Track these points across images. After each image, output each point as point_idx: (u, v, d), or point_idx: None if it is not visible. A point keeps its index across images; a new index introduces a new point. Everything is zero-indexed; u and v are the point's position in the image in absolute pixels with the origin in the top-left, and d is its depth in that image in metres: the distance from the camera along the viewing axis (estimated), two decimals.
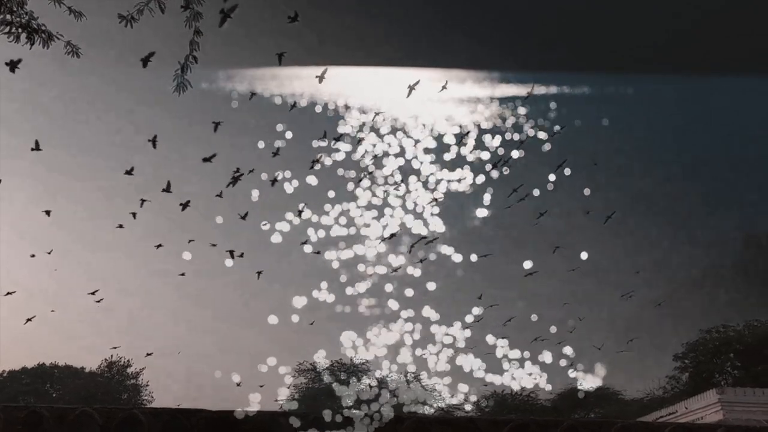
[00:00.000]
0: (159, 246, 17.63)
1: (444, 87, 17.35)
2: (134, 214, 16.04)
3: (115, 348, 43.19)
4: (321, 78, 13.65)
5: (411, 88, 16.02)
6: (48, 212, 16.54)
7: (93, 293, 20.83)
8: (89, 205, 56.60)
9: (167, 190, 14.59)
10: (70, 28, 6.44)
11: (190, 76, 6.58)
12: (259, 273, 19.42)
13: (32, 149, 12.98)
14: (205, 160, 14.55)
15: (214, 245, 18.71)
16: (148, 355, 27.74)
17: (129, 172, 15.74)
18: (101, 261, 55.22)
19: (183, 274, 23.67)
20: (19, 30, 6.19)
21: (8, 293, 21.19)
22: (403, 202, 21.09)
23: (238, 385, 26.07)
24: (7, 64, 9.90)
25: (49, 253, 20.66)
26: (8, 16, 6.10)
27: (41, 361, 44.37)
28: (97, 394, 39.82)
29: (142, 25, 6.20)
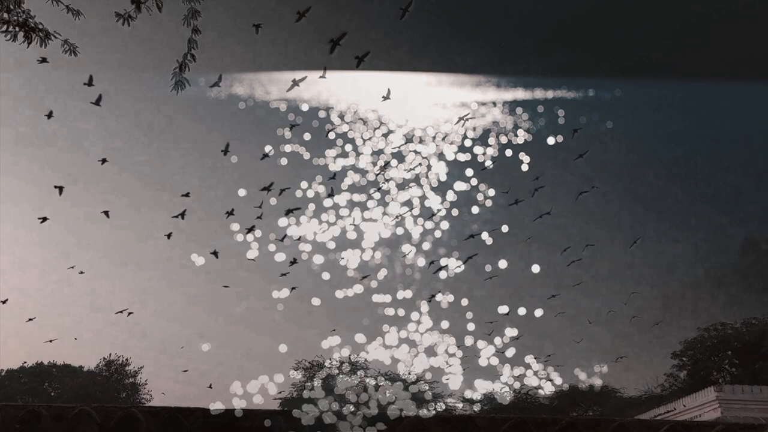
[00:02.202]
0: (215, 253, 17.59)
1: (465, 119, 17.22)
2: (182, 215, 16.11)
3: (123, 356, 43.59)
4: (386, 97, 13.74)
5: (462, 119, 15.99)
6: (107, 213, 16.11)
7: (122, 311, 21.22)
8: (87, 204, 56.51)
9: (231, 213, 15.02)
10: (68, 27, 6.43)
11: (188, 74, 6.58)
12: (293, 288, 19.64)
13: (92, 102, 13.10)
14: (264, 189, 15.02)
15: (252, 260, 18.83)
16: (184, 371, 27.60)
17: (186, 195, 15.98)
18: (100, 261, 55.16)
19: (227, 286, 23.65)
20: (17, 29, 6.17)
21: (3, 301, 21.76)
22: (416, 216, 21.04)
23: (209, 387, 26.05)
24: (85, 84, 11.05)
25: (72, 267, 20.82)
26: (5, 15, 6.09)
27: (39, 360, 44.33)
28: (95, 393, 39.75)
29: (140, 24, 6.19)
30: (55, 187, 14.00)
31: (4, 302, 25.55)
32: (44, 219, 15.13)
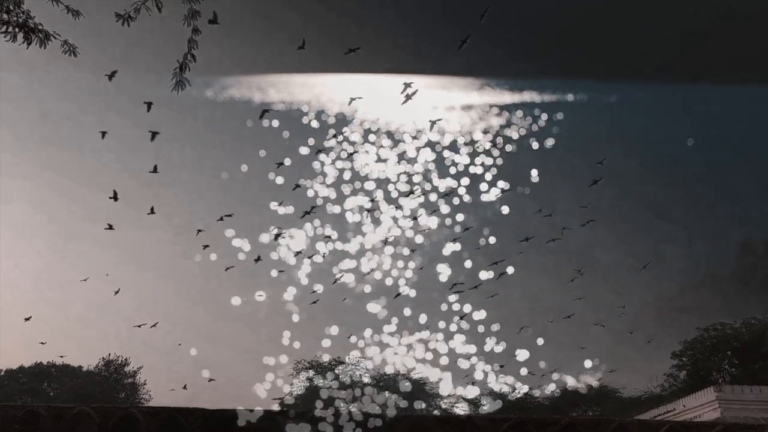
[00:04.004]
0: (258, 259, 17.72)
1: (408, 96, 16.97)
2: (223, 218, 16.38)
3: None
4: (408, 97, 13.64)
5: (481, 150, 15.83)
6: (114, 196, 15.71)
7: (140, 326, 21.96)
8: (87, 204, 56.56)
9: (279, 235, 15.31)
10: (68, 27, 6.43)
11: (189, 75, 6.58)
12: (314, 302, 19.94)
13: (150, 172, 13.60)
14: (306, 213, 15.37)
15: (282, 271, 18.96)
16: (210, 380, 27.49)
17: (227, 216, 16.16)
18: (100, 261, 55.16)
19: (262, 295, 23.64)
20: (16, 29, 6.17)
21: (26, 319, 23.24)
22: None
23: (210, 380, 25.99)
24: (146, 103, 11.41)
25: (85, 280, 21.55)
26: (5, 16, 6.09)
27: (39, 360, 44.30)
28: (95, 393, 39.74)
29: (140, 24, 6.20)
30: (111, 197, 14.11)
31: (27, 319, 26.26)
32: (110, 227, 15.12)
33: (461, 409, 40.69)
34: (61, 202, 56.31)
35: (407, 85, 10.62)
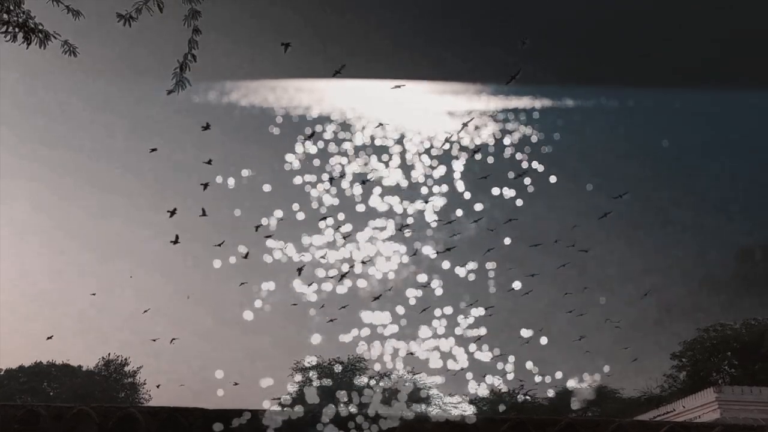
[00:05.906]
0: (300, 269, 17.70)
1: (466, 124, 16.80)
2: (264, 231, 16.53)
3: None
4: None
5: (464, 125, 15.86)
6: (172, 212, 15.32)
7: (155, 340, 22.34)
8: (87, 204, 56.55)
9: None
10: (68, 27, 6.44)
11: (189, 75, 6.58)
12: (330, 320, 19.94)
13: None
14: (347, 238, 15.40)
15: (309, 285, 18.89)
16: (235, 384, 27.34)
17: (267, 237, 16.23)
18: (100, 260, 55.21)
19: (295, 305, 23.37)
20: (16, 30, 6.17)
21: (48, 338, 23.76)
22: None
23: (235, 384, 25.94)
24: (203, 127, 11.64)
25: (93, 294, 21.75)
26: (5, 16, 6.09)
27: (38, 360, 44.33)
28: (94, 392, 39.77)
29: (141, 24, 6.20)
30: (168, 211, 14.18)
31: (49, 338, 26.47)
32: (176, 240, 15.02)
33: (461, 410, 40.71)
34: (62, 202, 56.32)
35: (465, 124, 10.78)
